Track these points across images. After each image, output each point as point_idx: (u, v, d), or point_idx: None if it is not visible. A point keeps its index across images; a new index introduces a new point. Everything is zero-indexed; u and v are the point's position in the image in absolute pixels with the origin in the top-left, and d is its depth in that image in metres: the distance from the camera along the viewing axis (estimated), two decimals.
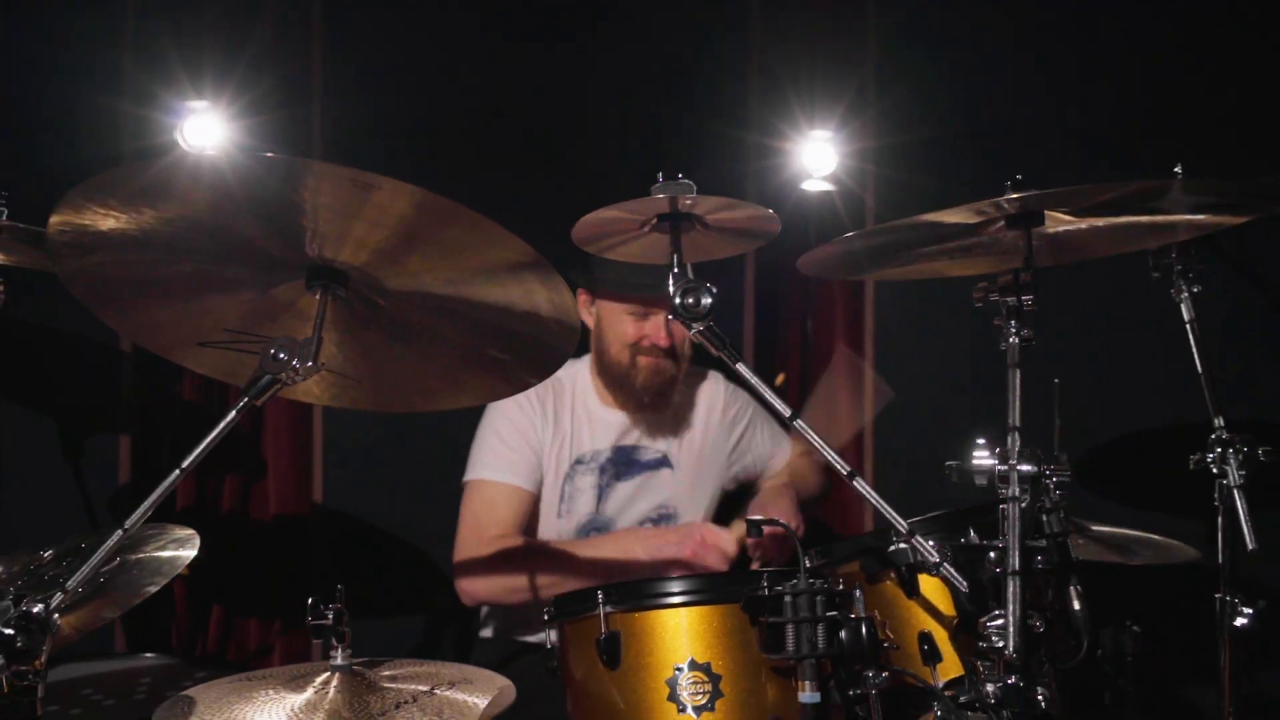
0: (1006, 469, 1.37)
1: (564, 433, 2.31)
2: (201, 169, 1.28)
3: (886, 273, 1.74)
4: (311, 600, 1.50)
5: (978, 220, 1.49)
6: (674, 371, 2.27)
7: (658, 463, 2.35)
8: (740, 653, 1.43)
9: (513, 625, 2.33)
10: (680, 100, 2.90)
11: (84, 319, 2.28)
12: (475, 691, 1.49)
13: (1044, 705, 1.34)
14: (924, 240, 1.55)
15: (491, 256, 1.38)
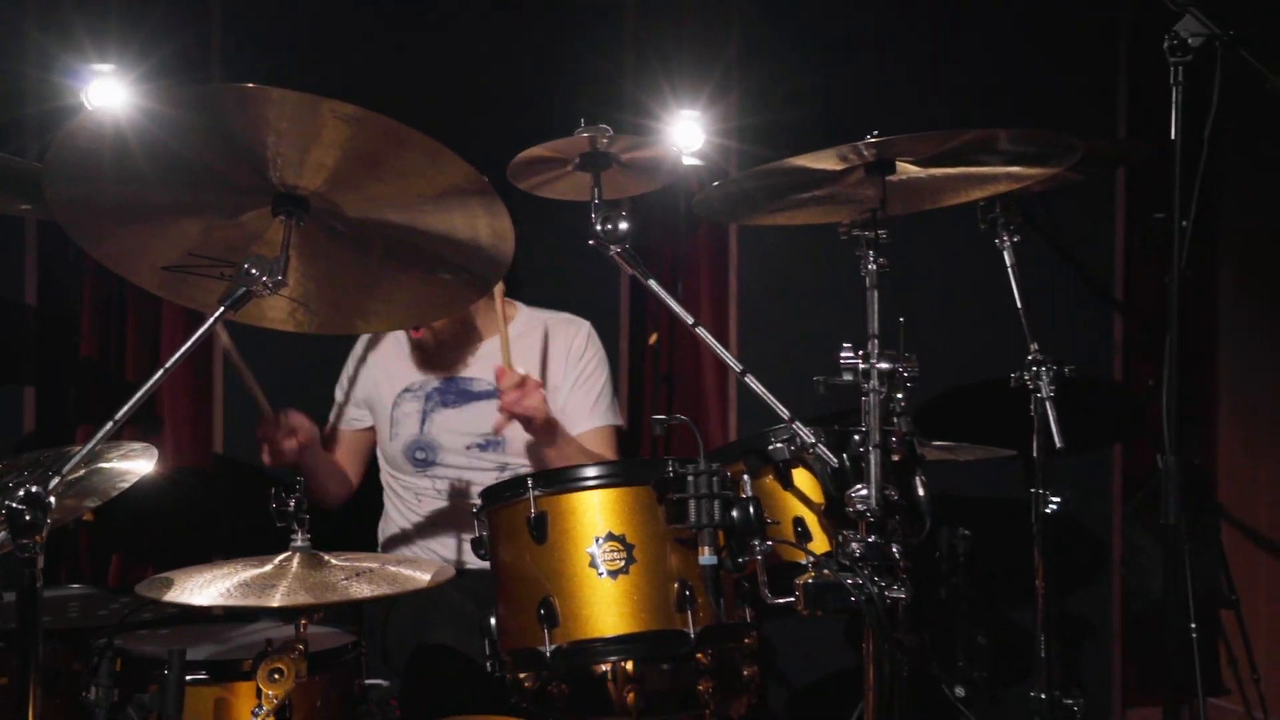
0: (868, 366, 1.67)
1: (393, 370, 2.57)
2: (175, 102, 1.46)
3: (766, 218, 2.02)
4: (274, 489, 1.70)
5: (841, 167, 1.79)
6: (426, 338, 2.48)
7: (489, 394, 2.51)
8: (650, 526, 1.70)
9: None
10: (556, 82, 3.14)
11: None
12: (418, 569, 1.72)
13: (898, 558, 1.64)
14: (797, 185, 1.84)
15: (440, 182, 1.60)
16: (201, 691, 1.81)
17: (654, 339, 3.47)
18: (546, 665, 1.67)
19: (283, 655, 1.66)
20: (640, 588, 1.68)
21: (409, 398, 2.56)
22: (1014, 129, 1.68)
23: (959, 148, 1.78)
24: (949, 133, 1.67)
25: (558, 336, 2.61)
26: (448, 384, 2.56)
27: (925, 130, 1.70)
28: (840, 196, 1.92)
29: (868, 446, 1.65)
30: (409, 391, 2.57)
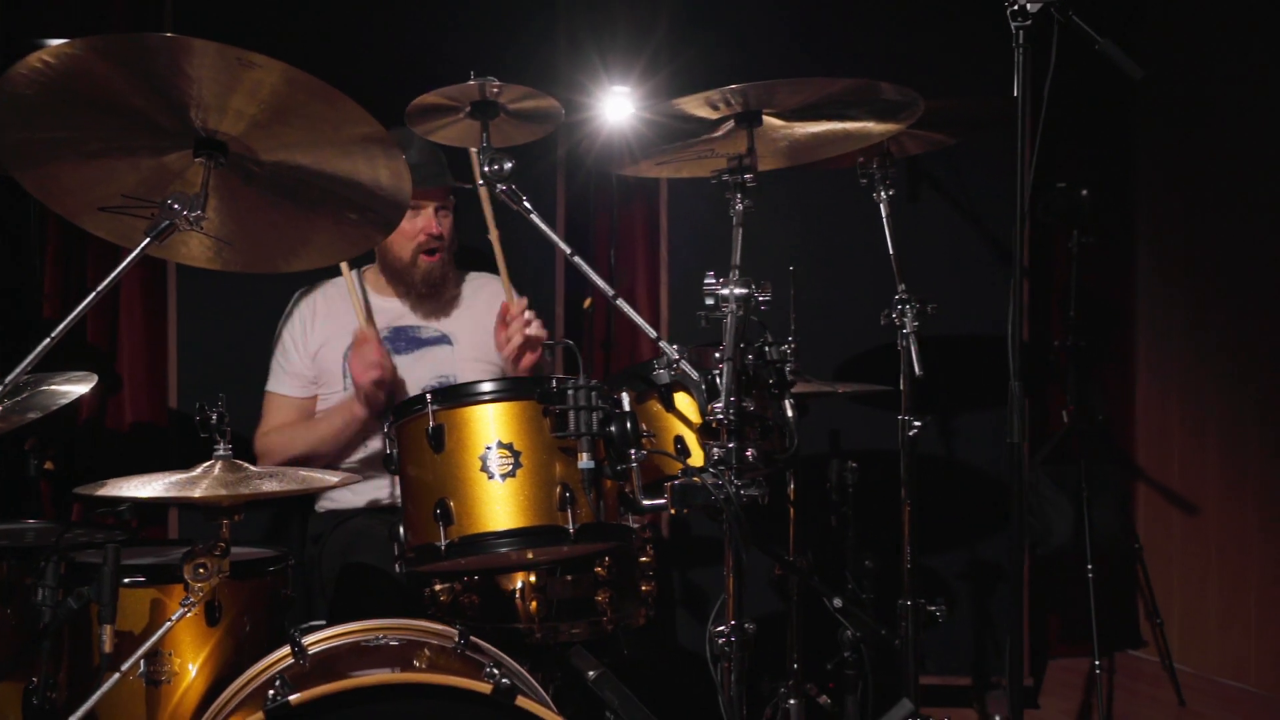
0: (726, 291, 1.88)
1: (341, 321, 2.72)
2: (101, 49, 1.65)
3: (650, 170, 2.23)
4: (198, 404, 1.91)
5: (712, 116, 2.00)
6: (442, 263, 2.73)
7: (437, 340, 2.76)
8: (536, 435, 1.90)
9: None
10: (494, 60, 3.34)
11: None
12: (326, 474, 1.93)
13: (750, 459, 1.85)
14: (674, 135, 2.05)
15: (347, 132, 1.81)
16: (138, 593, 2.03)
17: (588, 303, 3.68)
18: (441, 556, 1.87)
19: (206, 553, 1.87)
20: (526, 489, 1.88)
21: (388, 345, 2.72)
22: (854, 80, 1.89)
23: (817, 102, 2.00)
24: (797, 82, 1.88)
25: (481, 296, 2.87)
26: (396, 333, 2.77)
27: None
28: (719, 152, 2.13)
29: (724, 358, 1.86)
30: (395, 335, 2.75)
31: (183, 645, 2.03)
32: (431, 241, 2.69)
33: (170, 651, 2.02)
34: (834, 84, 1.91)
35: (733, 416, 1.84)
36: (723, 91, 1.90)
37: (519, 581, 2.23)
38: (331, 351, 2.73)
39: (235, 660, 2.04)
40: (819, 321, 2.92)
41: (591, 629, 2.26)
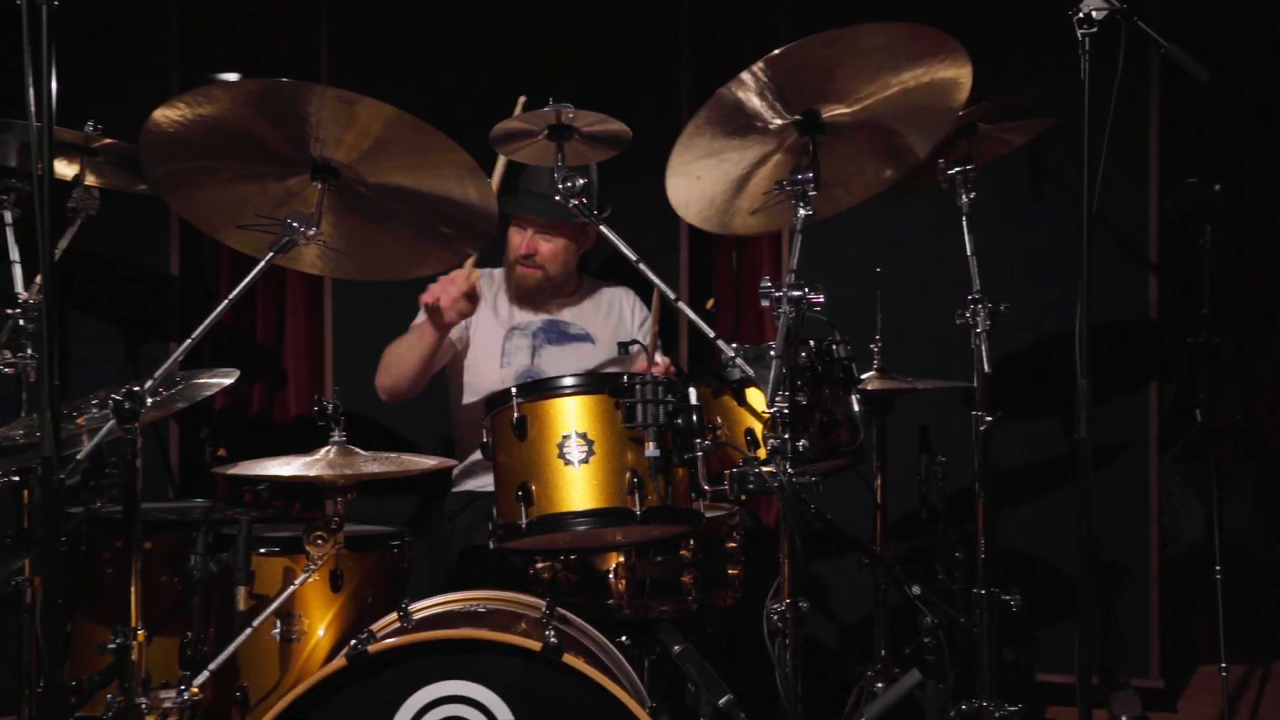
0: (781, 294, 2.02)
1: (494, 313, 3.04)
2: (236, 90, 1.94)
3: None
4: (315, 397, 2.18)
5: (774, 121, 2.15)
6: (538, 279, 3.00)
7: (582, 337, 3.05)
8: (608, 426, 2.09)
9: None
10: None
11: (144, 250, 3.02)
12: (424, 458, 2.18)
13: (803, 450, 1.98)
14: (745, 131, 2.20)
15: (438, 158, 2.05)
16: (272, 561, 2.33)
17: (711, 304, 3.85)
18: (523, 533, 2.08)
19: (323, 527, 2.14)
20: (598, 474, 2.07)
21: (518, 334, 3.04)
22: (885, 23, 2.00)
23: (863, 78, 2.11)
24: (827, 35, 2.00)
25: (624, 303, 3.17)
26: (549, 325, 3.06)
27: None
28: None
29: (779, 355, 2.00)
30: (517, 329, 3.05)
31: (311, 608, 2.32)
32: (523, 259, 2.98)
33: (300, 614, 2.31)
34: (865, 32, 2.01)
35: (785, 409, 1.97)
36: (756, 71, 2.02)
37: (612, 563, 2.43)
38: (476, 322, 3.04)
39: (357, 624, 2.31)
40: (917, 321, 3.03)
41: (678, 607, 2.44)
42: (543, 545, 2.27)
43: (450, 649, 1.85)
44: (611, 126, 2.13)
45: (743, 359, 2.09)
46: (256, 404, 3.69)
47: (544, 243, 2.96)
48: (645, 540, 2.34)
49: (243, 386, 3.66)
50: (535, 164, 2.32)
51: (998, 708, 2.37)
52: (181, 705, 2.02)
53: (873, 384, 2.68)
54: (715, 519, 2.50)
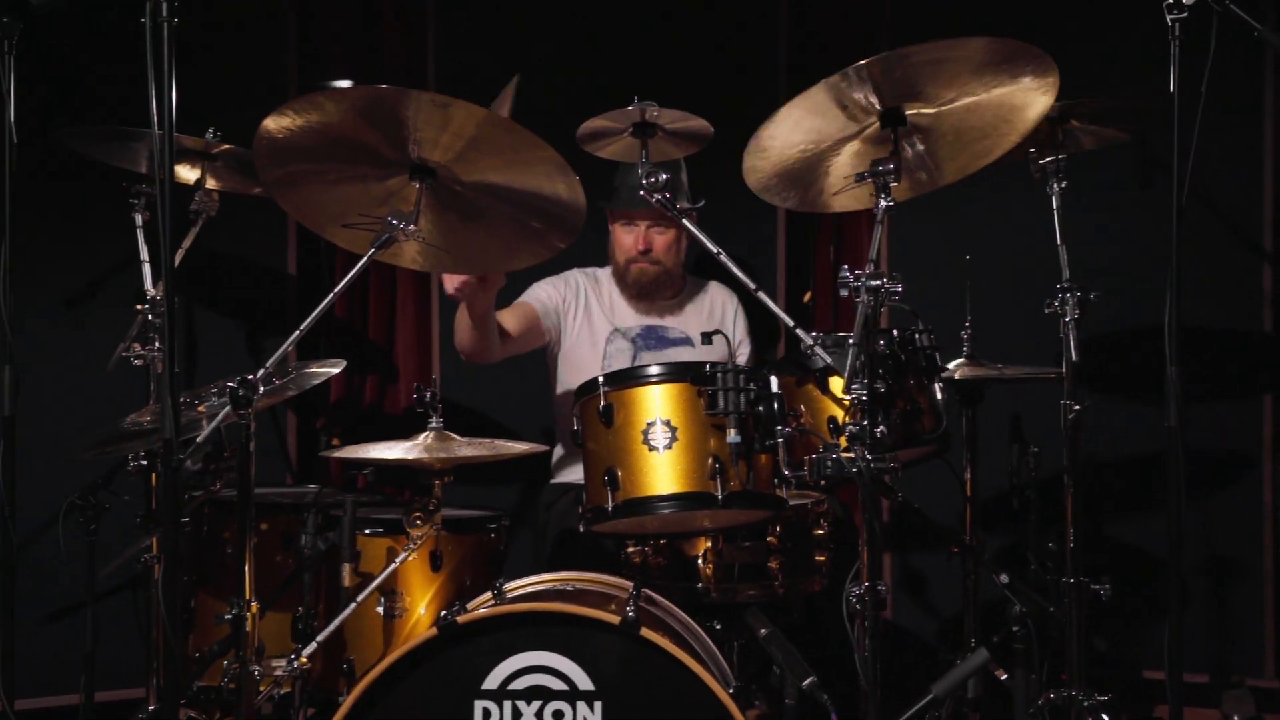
0: (859, 284, 2.06)
1: (596, 313, 3.15)
2: (340, 97, 2.07)
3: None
4: (416, 385, 2.30)
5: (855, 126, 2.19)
6: (655, 273, 3.10)
7: (681, 341, 3.13)
8: (691, 413, 2.16)
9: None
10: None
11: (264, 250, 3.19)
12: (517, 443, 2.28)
13: (880, 436, 2.01)
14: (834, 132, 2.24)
15: (527, 155, 2.14)
16: (376, 541, 2.46)
17: (808, 297, 3.89)
18: (609, 516, 2.16)
19: (421, 508, 2.26)
20: (681, 460, 2.14)
21: (618, 337, 3.16)
22: (993, 39, 2.02)
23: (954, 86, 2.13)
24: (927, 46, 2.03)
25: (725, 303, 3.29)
26: (648, 330, 3.16)
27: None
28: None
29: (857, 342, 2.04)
30: (618, 331, 3.17)
31: (413, 587, 2.45)
32: (639, 255, 3.03)
33: (403, 591, 2.44)
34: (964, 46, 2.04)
35: (863, 396, 2.01)
36: (859, 69, 2.06)
37: (700, 548, 2.50)
38: (573, 319, 3.18)
39: (455, 602, 2.42)
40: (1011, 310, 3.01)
41: (765, 592, 2.49)
42: (629, 529, 2.34)
43: (534, 621, 1.95)
44: (694, 123, 2.20)
45: (822, 347, 2.13)
46: (369, 396, 3.86)
47: (658, 236, 3.07)
48: (731, 526, 2.40)
49: (356, 379, 3.84)
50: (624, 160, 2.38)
51: (1087, 698, 2.36)
52: (292, 673, 2.16)
53: (960, 371, 2.69)
54: (802, 506, 2.55)
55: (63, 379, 3.26)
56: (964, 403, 2.79)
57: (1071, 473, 2.38)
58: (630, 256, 3.10)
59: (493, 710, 1.95)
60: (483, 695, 1.95)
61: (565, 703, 1.96)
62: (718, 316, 3.24)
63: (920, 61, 2.09)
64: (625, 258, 3.12)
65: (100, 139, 2.76)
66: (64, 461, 3.06)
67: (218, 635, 2.62)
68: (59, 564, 3.02)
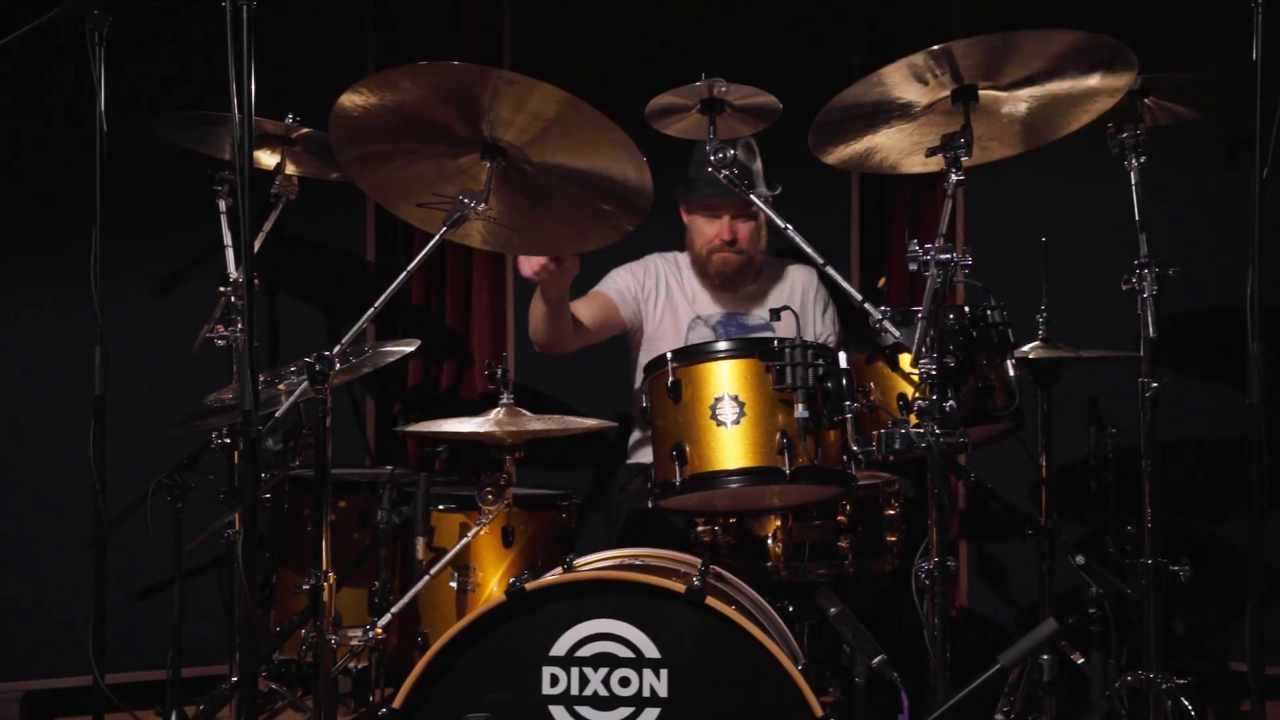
0: (928, 257, 2.05)
1: (679, 299, 3.16)
2: (415, 75, 2.11)
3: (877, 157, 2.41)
4: (487, 362, 2.33)
5: (924, 98, 2.17)
6: (739, 262, 3.10)
7: (761, 327, 3.12)
8: (759, 388, 2.16)
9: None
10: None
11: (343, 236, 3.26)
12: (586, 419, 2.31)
13: (950, 410, 2.00)
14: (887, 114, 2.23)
15: (596, 137, 2.17)
16: (450, 517, 2.51)
17: (883, 283, 3.86)
18: (677, 491, 2.17)
19: (493, 484, 2.30)
20: (749, 435, 2.15)
21: (700, 324, 3.18)
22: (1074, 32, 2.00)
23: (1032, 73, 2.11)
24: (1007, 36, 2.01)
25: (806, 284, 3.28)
26: (729, 318, 3.18)
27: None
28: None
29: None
30: (700, 319, 3.18)
31: (485, 562, 2.49)
32: (723, 245, 3.05)
33: (475, 566, 2.48)
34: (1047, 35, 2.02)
35: (931, 370, 2.00)
36: (927, 55, 2.05)
37: (770, 528, 2.50)
38: (654, 306, 3.20)
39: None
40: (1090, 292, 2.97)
41: (835, 571, 2.49)
42: (697, 504, 2.35)
43: (601, 589, 1.97)
44: (762, 99, 2.20)
45: (891, 323, 2.12)
46: (445, 382, 3.92)
47: (742, 225, 3.07)
48: (800, 503, 2.40)
49: (432, 366, 3.90)
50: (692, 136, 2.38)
51: (1164, 680, 2.32)
52: (368, 643, 2.20)
53: (1036, 353, 2.66)
54: (874, 486, 2.54)
55: (149, 361, 3.36)
56: (1039, 384, 2.75)
57: (1149, 452, 2.33)
58: (713, 246, 3.10)
59: (560, 676, 1.98)
60: (550, 661, 1.98)
61: (631, 670, 1.97)
62: (798, 299, 3.23)
63: (1009, 47, 2.07)
64: (708, 248, 3.11)
65: (186, 125, 2.84)
66: (150, 442, 3.18)
67: (298, 610, 2.70)
68: (147, 542, 3.12)
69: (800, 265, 3.28)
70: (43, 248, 3.38)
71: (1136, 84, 2.40)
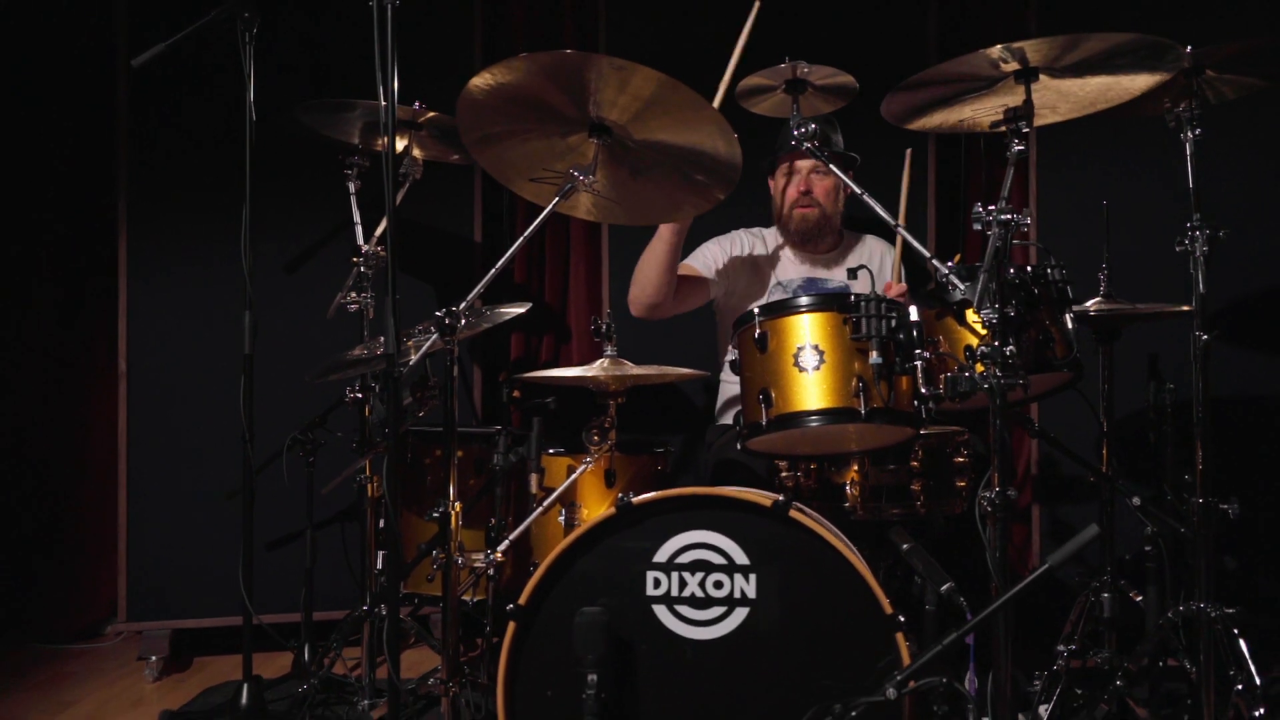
0: (990, 218, 2.28)
1: (763, 267, 3.45)
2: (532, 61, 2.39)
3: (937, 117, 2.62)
4: (593, 317, 2.62)
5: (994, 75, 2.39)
6: (817, 216, 3.38)
7: (840, 291, 3.36)
8: (837, 338, 2.40)
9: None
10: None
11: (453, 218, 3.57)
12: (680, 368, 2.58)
13: (1010, 355, 2.22)
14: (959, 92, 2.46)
15: (692, 114, 2.43)
16: (559, 460, 2.80)
17: (958, 259, 4.05)
18: (763, 430, 2.42)
19: (598, 427, 2.58)
20: (828, 379, 2.39)
21: (779, 289, 3.46)
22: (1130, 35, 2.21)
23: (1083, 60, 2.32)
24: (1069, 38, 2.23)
25: (880, 251, 3.57)
26: (809, 283, 3.45)
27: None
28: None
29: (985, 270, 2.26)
30: (780, 285, 3.47)
31: (590, 500, 2.77)
32: (801, 198, 3.30)
33: (581, 504, 2.76)
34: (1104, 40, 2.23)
35: (993, 319, 2.23)
36: (1005, 48, 2.28)
37: (848, 476, 2.74)
38: (739, 274, 3.49)
39: None
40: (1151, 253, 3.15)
41: (907, 511, 2.72)
42: (781, 444, 2.59)
43: (698, 504, 2.25)
44: (841, 79, 2.45)
45: (956, 276, 2.35)
46: (544, 355, 4.22)
47: (818, 180, 3.38)
48: (876, 447, 2.63)
49: (533, 340, 4.21)
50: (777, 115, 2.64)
51: (1214, 609, 2.51)
52: (489, 564, 2.49)
53: (1097, 308, 2.86)
54: (945, 434, 2.77)
55: (286, 327, 3.71)
56: (1100, 340, 2.95)
57: (1201, 396, 2.53)
58: (792, 200, 3.41)
59: (662, 580, 2.26)
60: (654, 567, 2.26)
61: (724, 574, 2.25)
62: (876, 263, 3.48)
63: (1078, 46, 2.28)
64: (788, 204, 3.42)
65: (325, 111, 3.15)
66: (283, 403, 3.52)
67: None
68: (278, 497, 3.46)
69: (876, 236, 3.52)
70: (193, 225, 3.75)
71: (1188, 62, 2.60)
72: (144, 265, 3.74)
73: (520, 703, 2.30)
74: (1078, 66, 2.36)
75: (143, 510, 3.70)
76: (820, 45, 3.71)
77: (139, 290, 3.73)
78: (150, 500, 3.71)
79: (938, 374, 2.42)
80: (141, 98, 3.73)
